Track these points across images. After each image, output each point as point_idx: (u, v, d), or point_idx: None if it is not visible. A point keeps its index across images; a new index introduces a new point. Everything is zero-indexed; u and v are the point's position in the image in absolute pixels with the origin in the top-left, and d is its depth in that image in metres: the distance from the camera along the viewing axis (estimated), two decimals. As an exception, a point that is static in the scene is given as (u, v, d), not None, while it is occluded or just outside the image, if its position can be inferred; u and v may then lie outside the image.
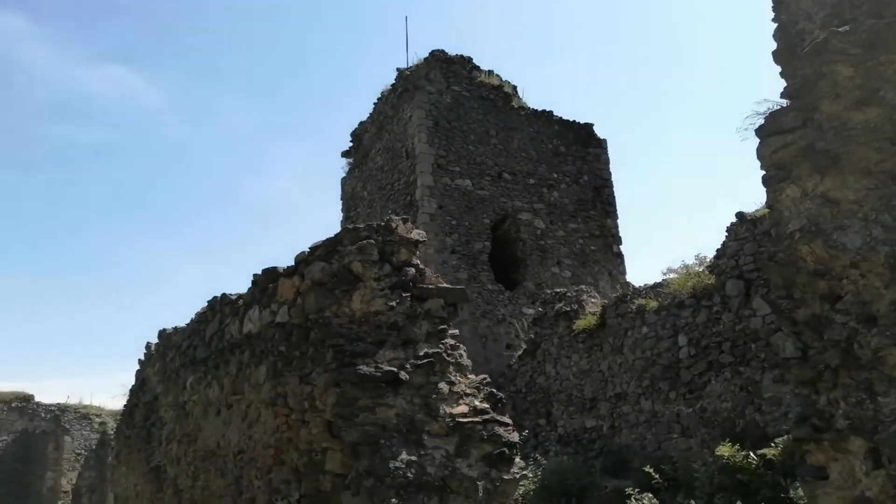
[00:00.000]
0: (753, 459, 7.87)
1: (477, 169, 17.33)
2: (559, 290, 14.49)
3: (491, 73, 18.88)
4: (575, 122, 19.52)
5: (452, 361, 4.52)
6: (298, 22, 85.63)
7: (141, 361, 9.41)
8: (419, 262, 4.85)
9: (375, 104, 19.79)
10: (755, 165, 4.16)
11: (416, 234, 4.89)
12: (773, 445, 8.12)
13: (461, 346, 4.71)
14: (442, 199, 16.51)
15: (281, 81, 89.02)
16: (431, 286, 4.74)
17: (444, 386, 4.37)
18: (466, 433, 4.23)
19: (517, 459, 4.37)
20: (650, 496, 8.17)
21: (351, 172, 20.79)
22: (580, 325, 12.85)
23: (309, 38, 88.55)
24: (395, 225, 4.78)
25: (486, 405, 4.44)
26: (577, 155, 19.16)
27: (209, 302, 6.86)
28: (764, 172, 4.06)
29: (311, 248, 4.96)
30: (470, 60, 18.55)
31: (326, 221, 58.64)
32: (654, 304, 11.50)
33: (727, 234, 10.57)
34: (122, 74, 76.86)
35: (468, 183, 17.06)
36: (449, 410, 4.29)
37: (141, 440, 8.60)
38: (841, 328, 3.57)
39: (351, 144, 20.96)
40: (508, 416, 4.60)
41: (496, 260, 17.13)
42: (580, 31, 75.88)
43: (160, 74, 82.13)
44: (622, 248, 18.86)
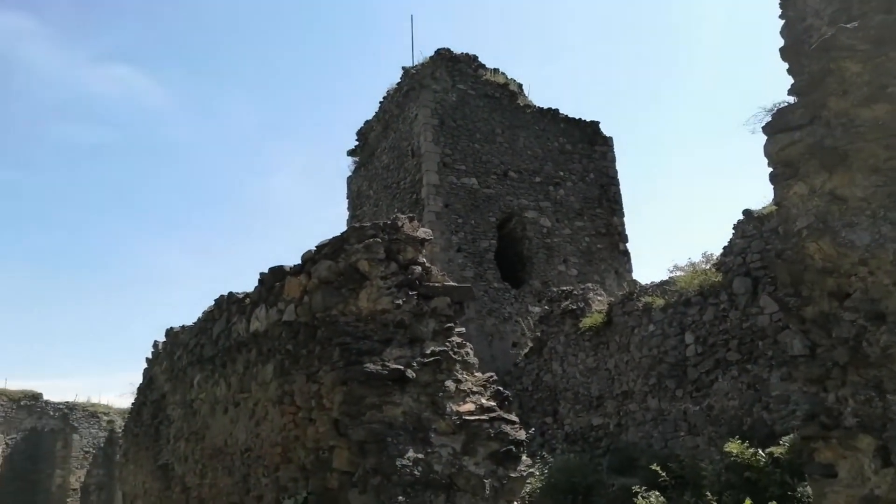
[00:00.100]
0: (762, 457, 7.85)
1: (483, 167, 17.31)
2: (565, 288, 14.48)
3: (496, 71, 18.84)
4: (581, 119, 19.47)
5: (459, 359, 4.52)
6: (303, 21, 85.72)
7: (148, 360, 9.45)
8: (425, 260, 4.85)
9: (381, 103, 19.80)
10: (762, 162, 4.15)
11: (422, 232, 4.89)
12: (780, 444, 8.10)
13: (468, 344, 4.71)
14: (448, 197, 16.51)
15: (285, 81, 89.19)
16: (438, 284, 4.74)
17: (450, 384, 4.36)
18: (473, 431, 4.23)
19: (524, 457, 4.37)
20: (657, 494, 8.16)
21: (357, 171, 20.81)
22: (586, 323, 12.84)
23: (314, 37, 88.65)
24: (401, 223, 4.78)
25: (492, 403, 4.44)
26: (583, 153, 19.11)
27: (216, 300, 6.89)
28: (771, 170, 4.05)
29: (317, 246, 4.97)
30: (475, 59, 18.53)
31: (332, 220, 58.80)
32: (660, 301, 11.48)
33: (734, 231, 10.55)
34: (125, 74, 77.23)
35: (474, 181, 17.05)
36: (456, 408, 4.29)
37: (149, 438, 8.64)
38: (849, 326, 3.55)
39: (357, 143, 20.98)
40: (515, 414, 4.60)
41: (502, 258, 17.12)
42: (584, 28, 75.73)
43: (163, 74, 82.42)
44: (628, 245, 18.84)
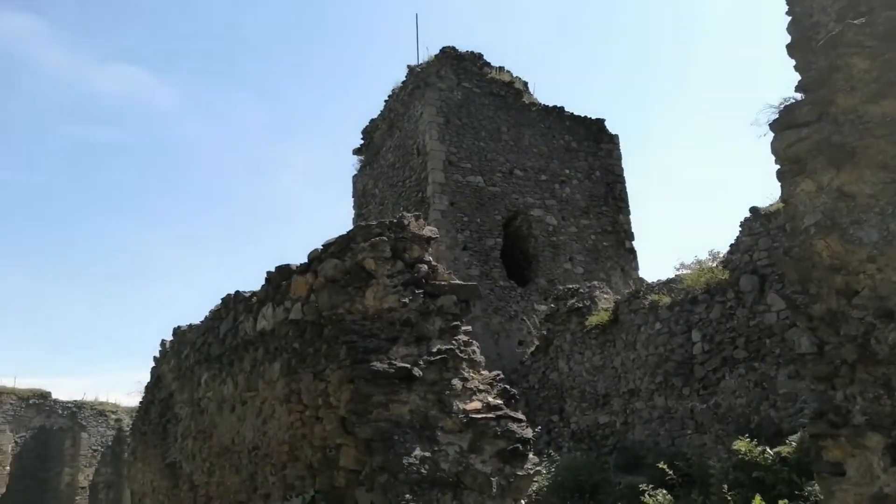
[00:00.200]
0: (770, 455, 7.82)
1: (488, 165, 17.29)
2: (571, 286, 14.46)
3: (502, 69, 18.81)
4: (586, 117, 19.42)
5: (465, 358, 4.52)
6: (308, 21, 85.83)
7: (156, 359, 9.49)
8: (431, 258, 4.85)
9: (386, 101, 19.79)
10: (769, 160, 4.13)
11: (428, 230, 4.89)
12: (787, 443, 8.08)
13: (474, 342, 4.71)
14: (453, 195, 16.50)
15: (291, 80, 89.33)
16: (444, 283, 4.74)
17: (457, 382, 4.37)
18: (480, 429, 4.23)
19: (531, 455, 4.37)
20: (664, 492, 8.15)
21: (362, 170, 20.81)
22: (593, 321, 12.82)
23: (319, 36, 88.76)
24: (407, 222, 4.78)
25: (499, 401, 4.44)
26: (588, 150, 19.07)
27: (223, 299, 6.91)
28: (778, 167, 4.03)
29: (323, 245, 4.98)
30: (480, 57, 18.50)
31: (338, 219, 58.81)
32: (667, 299, 11.45)
33: (741, 229, 10.51)
34: (132, 74, 77.43)
35: (479, 179, 17.04)
36: (462, 406, 4.29)
37: (157, 437, 8.68)
38: (858, 323, 3.54)
39: (362, 142, 20.97)
40: (521, 412, 4.59)
41: (508, 256, 17.11)
42: (590, 25, 75.54)
43: (170, 74, 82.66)
44: (635, 243, 18.79)
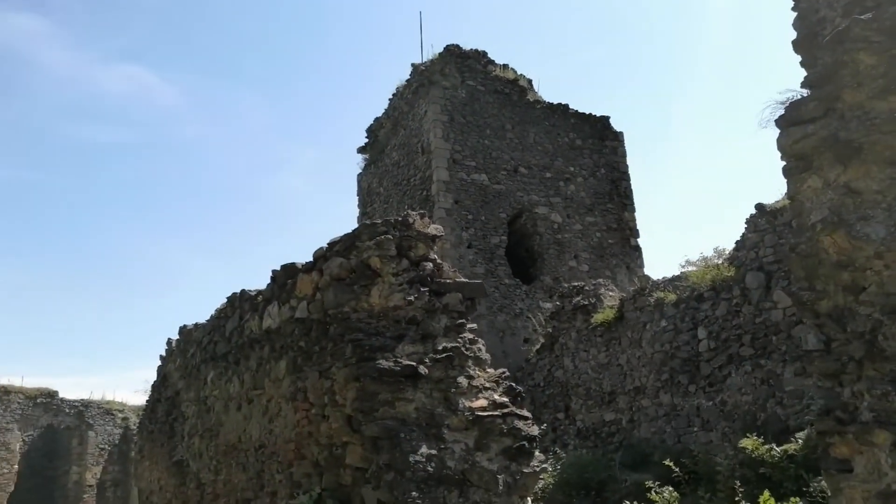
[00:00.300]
0: (777, 452, 7.81)
1: (493, 163, 17.28)
2: (577, 283, 14.44)
3: (506, 67, 18.79)
4: (591, 115, 19.39)
5: (471, 355, 4.53)
6: (312, 19, 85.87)
7: (162, 357, 9.53)
8: (436, 256, 4.86)
9: (391, 100, 19.79)
10: (775, 156, 4.11)
11: (433, 228, 4.90)
12: (794, 440, 8.06)
13: (479, 340, 4.71)
14: (458, 193, 16.50)
15: (296, 79, 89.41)
16: (449, 281, 4.75)
17: (463, 380, 4.37)
18: (486, 427, 4.23)
19: (537, 453, 4.37)
20: (671, 489, 8.13)
21: (367, 168, 20.83)
22: (598, 318, 12.80)
23: (323, 35, 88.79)
24: (412, 220, 4.79)
25: (505, 399, 4.44)
26: (593, 148, 19.04)
27: (229, 298, 6.93)
28: (784, 163, 4.01)
29: (329, 243, 4.99)
30: (485, 55, 18.48)
31: (343, 217, 58.81)
32: (672, 297, 11.43)
33: (747, 225, 10.48)
34: (137, 73, 77.60)
35: (484, 177, 17.03)
36: (468, 404, 4.29)
37: (163, 435, 8.72)
38: (865, 320, 3.52)
39: (366, 140, 20.99)
40: (527, 409, 4.59)
41: (513, 254, 17.10)
42: (595, 22, 75.37)
43: (175, 73, 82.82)
44: (640, 241, 18.77)
